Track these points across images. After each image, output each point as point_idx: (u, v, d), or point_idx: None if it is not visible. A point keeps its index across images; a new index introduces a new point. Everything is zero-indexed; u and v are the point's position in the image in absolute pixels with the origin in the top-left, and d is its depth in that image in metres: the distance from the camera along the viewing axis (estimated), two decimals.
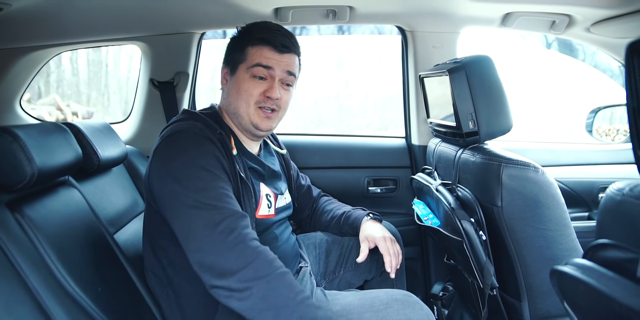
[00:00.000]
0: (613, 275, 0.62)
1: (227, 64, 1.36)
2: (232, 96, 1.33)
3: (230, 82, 1.34)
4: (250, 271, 1.02)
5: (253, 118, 1.32)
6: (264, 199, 1.35)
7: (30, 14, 1.55)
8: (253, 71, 1.29)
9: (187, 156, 1.14)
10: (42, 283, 0.96)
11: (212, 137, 1.21)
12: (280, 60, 1.31)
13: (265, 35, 1.30)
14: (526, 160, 1.27)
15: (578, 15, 1.78)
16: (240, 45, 1.33)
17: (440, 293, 1.90)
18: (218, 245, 1.04)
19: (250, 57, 1.30)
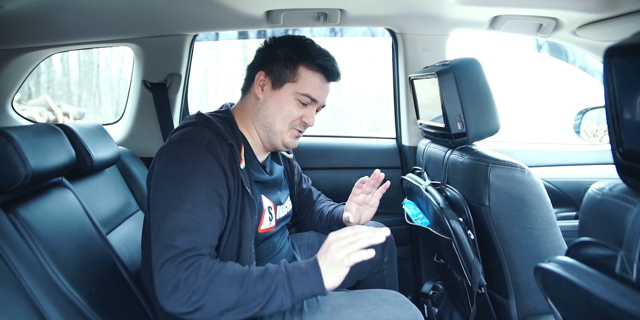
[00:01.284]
0: (593, 272, 0.64)
1: (269, 72, 1.30)
2: (270, 111, 1.30)
3: (269, 95, 1.30)
4: (194, 297, 1.02)
5: (285, 137, 1.32)
6: (266, 212, 1.35)
7: (23, 15, 1.55)
8: (300, 98, 1.29)
9: (181, 171, 1.12)
10: (36, 283, 0.97)
11: (219, 150, 1.17)
12: (326, 92, 1.33)
13: (323, 62, 1.29)
14: (513, 160, 1.29)
15: (564, 19, 1.81)
16: (291, 61, 1.29)
17: (431, 292, 1.93)
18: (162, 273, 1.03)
19: (303, 82, 1.29)
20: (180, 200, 1.08)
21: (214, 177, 1.14)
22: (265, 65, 1.31)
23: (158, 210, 1.10)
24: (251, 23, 1.92)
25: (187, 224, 1.07)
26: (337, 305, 1.29)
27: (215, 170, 1.14)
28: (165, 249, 1.04)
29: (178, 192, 1.09)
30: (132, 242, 1.52)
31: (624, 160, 0.64)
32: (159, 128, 2.10)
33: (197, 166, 1.13)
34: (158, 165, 1.16)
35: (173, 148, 1.17)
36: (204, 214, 1.10)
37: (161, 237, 1.06)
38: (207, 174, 1.13)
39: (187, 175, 1.11)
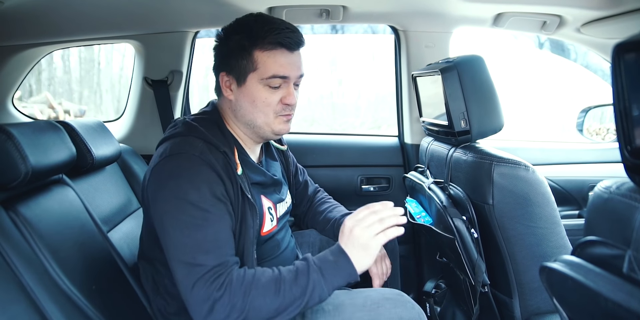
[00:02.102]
0: (600, 271, 0.63)
1: (230, 71, 1.21)
2: (244, 109, 1.22)
3: (238, 93, 1.22)
4: (234, 314, 1.01)
5: (274, 126, 1.24)
6: (267, 213, 1.31)
7: (23, 11, 1.54)
8: (268, 82, 1.19)
9: (179, 188, 1.07)
10: (37, 281, 0.96)
11: (213, 160, 1.12)
12: (293, 64, 1.21)
13: (275, 38, 1.17)
14: (517, 158, 1.28)
15: (568, 16, 1.80)
16: (245, 50, 1.18)
17: (433, 290, 1.92)
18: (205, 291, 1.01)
19: (264, 66, 1.18)
20: (190, 217, 1.04)
21: (215, 186, 1.10)
22: (224, 64, 1.22)
23: (169, 231, 1.06)
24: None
25: (205, 240, 1.04)
26: (339, 304, 1.29)
27: (213, 179, 1.10)
28: (192, 269, 1.02)
29: (183, 209, 1.05)
30: (133, 239, 1.51)
31: (632, 159, 0.63)
32: (160, 125, 2.09)
33: (195, 179, 1.08)
34: (154, 184, 1.11)
35: (165, 164, 1.11)
36: (217, 226, 1.07)
37: (183, 257, 1.03)
38: (207, 185, 1.08)
39: (188, 190, 1.06)
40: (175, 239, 1.04)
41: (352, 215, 1.12)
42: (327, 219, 1.60)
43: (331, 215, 1.60)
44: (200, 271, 1.01)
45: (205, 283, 1.01)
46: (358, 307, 1.26)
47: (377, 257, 1.40)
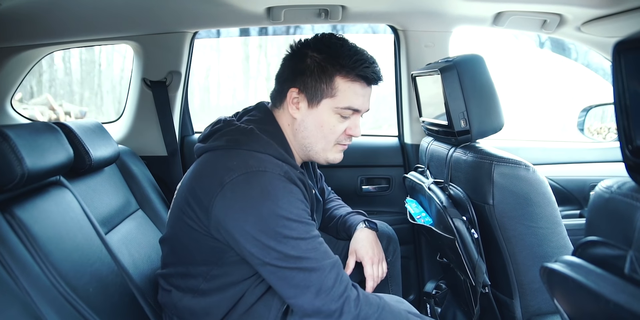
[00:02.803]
0: (601, 272, 0.62)
1: (302, 89, 1.18)
2: (308, 131, 1.20)
3: (306, 114, 1.19)
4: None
5: (329, 155, 1.24)
6: None
7: (21, 12, 1.54)
8: (341, 112, 1.18)
9: (276, 206, 1.02)
10: (32, 284, 0.95)
11: (296, 179, 1.09)
12: (368, 98, 1.21)
13: (362, 71, 1.16)
14: (517, 158, 1.27)
15: (569, 15, 1.79)
16: (326, 73, 1.15)
17: (433, 291, 1.91)
18: (322, 299, 1.02)
19: (342, 95, 1.16)
20: (295, 232, 1.03)
21: (306, 205, 1.09)
22: (297, 80, 1.18)
23: (271, 245, 1.02)
24: (252, 20, 1.90)
25: (318, 249, 1.05)
26: None
27: (303, 198, 1.09)
28: (318, 276, 1.03)
29: (284, 224, 1.02)
30: (131, 241, 1.51)
31: (634, 158, 0.62)
32: (159, 126, 2.08)
33: (291, 196, 1.05)
34: (235, 201, 1.04)
35: (249, 180, 1.04)
36: (319, 238, 1.08)
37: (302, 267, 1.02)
38: (302, 202, 1.08)
39: (287, 206, 1.03)
40: (288, 255, 1.02)
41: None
42: (332, 217, 1.60)
43: (336, 213, 1.60)
44: (324, 276, 1.02)
45: (335, 283, 1.03)
46: None
47: (375, 260, 1.41)
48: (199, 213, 1.09)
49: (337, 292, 1.02)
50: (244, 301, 1.18)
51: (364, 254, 1.43)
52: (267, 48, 7.52)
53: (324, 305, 1.02)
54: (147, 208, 1.78)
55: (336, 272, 1.04)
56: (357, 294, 1.05)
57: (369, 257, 1.42)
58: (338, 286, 1.03)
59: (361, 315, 1.02)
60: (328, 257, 1.05)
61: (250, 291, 1.17)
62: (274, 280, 1.05)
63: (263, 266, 1.05)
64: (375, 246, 1.46)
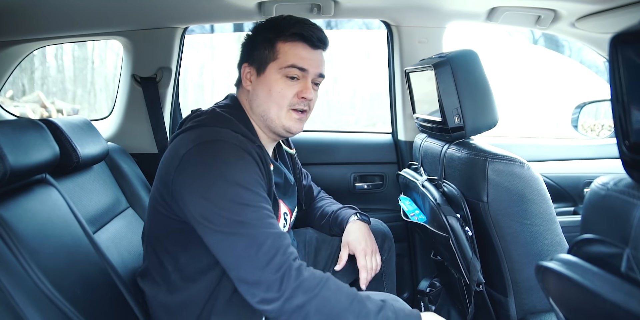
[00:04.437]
0: (597, 271, 0.61)
1: (251, 62, 1.25)
2: (261, 98, 1.23)
3: (256, 83, 1.24)
4: (299, 293, 0.99)
5: (285, 121, 1.24)
6: (282, 218, 1.29)
7: (7, 7, 1.51)
8: (286, 72, 1.21)
9: (225, 171, 1.04)
10: (15, 284, 0.93)
11: (252, 150, 1.11)
12: (313, 59, 1.23)
13: (299, 30, 1.21)
14: (512, 155, 1.26)
15: (563, 10, 1.78)
16: (267, 41, 1.22)
17: (428, 289, 1.91)
18: (262, 268, 0.99)
19: (284, 56, 1.21)
20: (243, 199, 1.02)
21: (258, 174, 1.09)
22: (248, 56, 1.26)
23: (220, 213, 1.02)
24: (243, 15, 1.88)
25: (262, 219, 1.03)
26: None
27: (256, 169, 1.09)
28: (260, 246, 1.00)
29: (234, 191, 1.02)
30: (121, 240, 1.48)
31: (631, 154, 0.61)
32: (149, 123, 2.06)
33: (241, 163, 1.06)
34: (191, 170, 1.06)
35: (204, 150, 1.08)
36: (268, 209, 1.06)
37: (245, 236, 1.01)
38: (253, 170, 1.08)
39: (237, 172, 1.05)
40: (231, 219, 1.01)
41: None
42: (324, 214, 1.60)
43: (328, 210, 1.60)
44: (266, 243, 1.00)
45: (276, 252, 0.99)
46: None
47: (368, 251, 1.42)
48: (164, 194, 1.12)
49: (278, 263, 0.99)
50: (222, 291, 1.16)
51: (357, 245, 1.43)
52: None
53: (263, 275, 0.99)
54: (137, 206, 1.75)
55: (279, 244, 1.02)
56: (300, 266, 1.02)
57: (361, 248, 1.43)
58: (280, 257, 1.00)
59: (302, 286, 0.99)
60: (272, 228, 1.03)
61: (226, 279, 1.14)
62: (217, 249, 1.03)
63: (208, 234, 1.04)
64: (368, 238, 1.46)
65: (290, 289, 0.98)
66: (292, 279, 0.99)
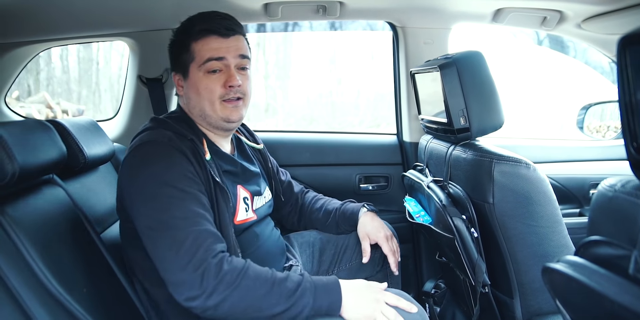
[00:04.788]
0: (605, 273, 0.61)
1: (177, 69, 1.30)
2: (193, 100, 1.27)
3: (186, 87, 1.29)
4: (220, 286, 1.03)
5: (221, 113, 1.26)
6: (242, 202, 1.32)
7: (14, 9, 1.52)
8: (206, 67, 1.24)
9: (152, 171, 1.10)
10: (24, 284, 0.93)
11: (182, 146, 1.16)
12: (229, 46, 1.25)
13: (205, 25, 1.24)
14: (518, 156, 1.26)
15: (569, 12, 1.78)
16: (183, 46, 1.27)
17: (432, 290, 1.90)
18: (182, 267, 1.03)
19: (199, 54, 1.24)
20: (168, 197, 1.08)
21: (186, 167, 1.13)
22: (173, 65, 1.32)
23: (149, 213, 1.08)
24: (249, 16, 1.88)
25: (186, 216, 1.07)
26: None
27: (184, 162, 1.14)
28: (180, 245, 1.04)
29: (160, 190, 1.08)
30: None
31: (638, 155, 0.60)
32: None
33: (167, 161, 1.12)
34: (128, 173, 1.15)
35: (136, 153, 1.15)
36: (195, 203, 1.10)
37: (166, 234, 1.05)
38: (178, 166, 1.12)
39: (161, 171, 1.10)
40: (156, 218, 1.06)
41: (391, 291, 1.19)
42: (327, 213, 1.61)
43: (330, 207, 1.62)
44: (186, 243, 1.03)
45: (197, 250, 1.03)
46: None
47: (388, 237, 1.51)
48: (120, 199, 1.20)
49: (197, 261, 1.03)
50: None
51: (377, 234, 1.51)
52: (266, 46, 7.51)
53: (184, 275, 1.02)
54: None
55: (200, 242, 1.05)
56: (220, 261, 1.05)
57: (382, 236, 1.51)
58: (200, 255, 1.03)
59: (223, 281, 1.02)
60: (195, 225, 1.07)
61: None
62: (150, 249, 1.08)
63: (142, 233, 1.09)
64: (383, 226, 1.55)
65: (212, 286, 1.02)
66: (212, 275, 1.02)
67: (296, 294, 1.05)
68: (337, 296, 1.09)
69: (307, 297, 1.06)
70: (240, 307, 1.04)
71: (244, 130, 1.57)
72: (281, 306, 1.05)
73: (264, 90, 7.69)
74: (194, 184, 1.12)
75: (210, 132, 1.32)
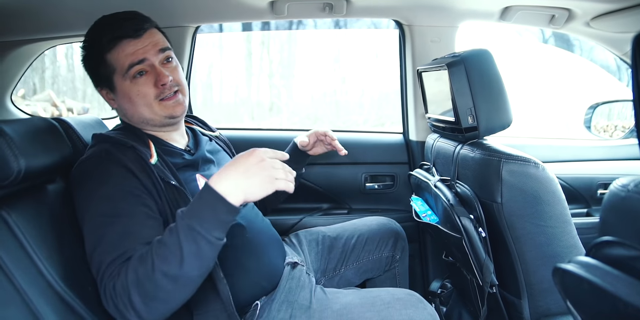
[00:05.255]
0: (618, 274, 0.60)
1: (100, 84, 1.24)
2: (129, 109, 1.22)
3: (118, 99, 1.23)
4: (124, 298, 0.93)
5: (163, 112, 1.22)
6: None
7: (19, 7, 1.52)
8: (130, 74, 1.17)
9: (90, 188, 1.07)
10: (30, 283, 0.93)
11: (120, 156, 1.10)
12: (144, 46, 1.18)
13: (113, 33, 1.16)
14: (526, 155, 1.25)
15: (578, 10, 1.76)
16: (97, 60, 1.19)
17: (439, 290, 1.89)
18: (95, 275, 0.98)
19: (117, 63, 1.17)
20: (101, 216, 1.02)
21: (125, 181, 1.07)
22: (96, 81, 1.25)
23: (84, 229, 1.05)
24: (255, 14, 1.88)
25: (112, 238, 0.99)
26: (347, 303, 1.26)
27: (122, 175, 1.08)
28: (99, 265, 0.97)
29: (95, 206, 1.04)
30: None
31: None
32: None
33: (103, 176, 1.07)
34: (73, 193, 1.12)
35: (75, 173, 1.12)
36: (127, 220, 1.02)
37: (91, 253, 1.00)
38: (115, 180, 1.07)
39: (97, 186, 1.06)
40: (87, 236, 1.03)
41: (266, 150, 1.00)
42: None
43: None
44: (102, 266, 0.96)
45: (110, 276, 0.94)
46: (367, 307, 1.24)
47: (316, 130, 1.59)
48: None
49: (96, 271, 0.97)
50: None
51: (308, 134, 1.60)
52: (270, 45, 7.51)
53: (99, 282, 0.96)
54: None
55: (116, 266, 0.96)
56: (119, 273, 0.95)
57: (314, 130, 1.60)
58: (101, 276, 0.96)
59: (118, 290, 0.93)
60: (121, 247, 0.98)
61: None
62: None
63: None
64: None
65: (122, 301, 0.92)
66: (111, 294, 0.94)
67: (180, 239, 0.90)
68: (214, 196, 0.91)
69: (187, 233, 0.90)
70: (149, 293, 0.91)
71: (194, 120, 1.55)
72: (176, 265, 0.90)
73: (268, 90, 7.70)
74: (131, 198, 1.06)
75: (159, 132, 1.29)
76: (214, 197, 0.91)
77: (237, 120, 7.43)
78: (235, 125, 2.50)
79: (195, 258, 0.90)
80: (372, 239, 1.63)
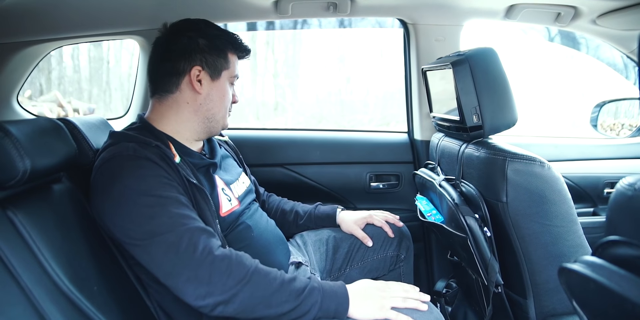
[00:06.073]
0: (625, 274, 0.60)
1: (204, 66, 1.29)
2: (215, 102, 1.32)
3: (209, 87, 1.30)
4: (229, 281, 1.03)
5: (225, 122, 1.37)
6: (222, 193, 1.32)
7: (25, 8, 1.52)
8: (232, 80, 1.35)
9: (125, 184, 1.08)
10: (36, 282, 0.93)
11: (148, 153, 1.14)
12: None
13: (241, 46, 1.36)
14: (532, 154, 1.24)
15: (584, 7, 1.75)
16: (222, 50, 1.32)
17: (444, 290, 1.88)
18: (186, 266, 1.03)
19: (233, 67, 1.34)
20: (147, 207, 1.07)
21: (158, 173, 1.12)
22: (195, 59, 1.28)
23: (132, 228, 1.07)
24: (259, 14, 1.88)
25: (171, 221, 1.06)
26: None
27: (154, 169, 1.12)
28: (176, 248, 1.04)
29: (137, 201, 1.07)
30: None
31: None
32: None
33: (138, 172, 1.10)
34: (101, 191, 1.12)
35: (104, 171, 1.14)
36: (175, 206, 1.09)
37: (161, 242, 1.05)
38: (150, 174, 1.11)
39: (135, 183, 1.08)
40: (142, 230, 1.06)
41: (389, 283, 1.21)
42: (301, 212, 1.68)
43: (305, 208, 1.69)
44: (182, 243, 1.04)
45: (194, 235, 1.05)
46: None
47: (369, 214, 1.65)
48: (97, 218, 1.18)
49: (199, 257, 1.03)
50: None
51: (362, 216, 1.63)
52: (275, 45, 7.51)
53: (190, 273, 1.02)
54: None
55: (196, 239, 1.05)
56: (224, 256, 1.06)
57: (367, 215, 1.63)
58: (200, 252, 1.04)
59: (232, 275, 1.03)
60: (185, 225, 1.07)
61: None
62: (144, 260, 1.08)
63: (132, 250, 1.09)
64: (361, 213, 1.66)
65: (221, 281, 1.02)
66: (220, 270, 1.03)
67: (304, 292, 1.06)
68: (344, 298, 1.10)
69: (315, 297, 1.07)
70: (250, 304, 1.04)
71: None
72: (290, 304, 1.05)
73: (273, 89, 7.70)
74: (170, 188, 1.12)
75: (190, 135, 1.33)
76: (344, 309, 1.10)
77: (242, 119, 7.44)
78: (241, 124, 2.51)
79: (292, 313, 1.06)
80: (376, 239, 1.63)
